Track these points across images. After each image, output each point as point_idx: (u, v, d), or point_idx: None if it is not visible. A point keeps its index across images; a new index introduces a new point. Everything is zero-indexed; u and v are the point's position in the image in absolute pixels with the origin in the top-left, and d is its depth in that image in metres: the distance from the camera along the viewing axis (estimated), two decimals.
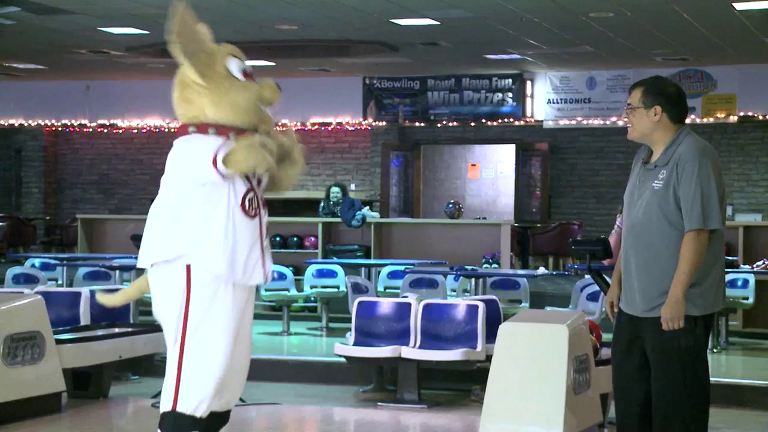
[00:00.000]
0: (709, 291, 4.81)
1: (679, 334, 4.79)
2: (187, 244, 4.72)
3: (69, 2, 12.79)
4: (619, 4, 12.61)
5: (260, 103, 4.89)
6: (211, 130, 4.79)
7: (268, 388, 8.75)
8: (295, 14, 13.43)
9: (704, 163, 4.76)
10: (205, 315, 4.72)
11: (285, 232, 14.47)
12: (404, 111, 19.01)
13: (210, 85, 4.83)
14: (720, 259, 4.87)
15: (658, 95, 4.87)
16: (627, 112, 4.95)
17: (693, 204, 4.72)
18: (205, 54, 4.90)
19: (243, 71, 4.92)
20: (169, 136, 20.29)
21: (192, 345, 4.71)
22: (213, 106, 4.82)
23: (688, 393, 4.85)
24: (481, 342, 8.06)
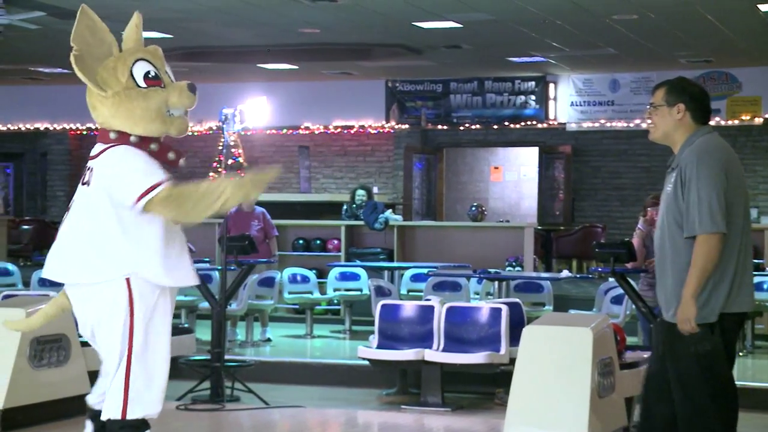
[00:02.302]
0: (722, 296, 4.69)
1: (695, 340, 4.71)
2: (128, 260, 4.75)
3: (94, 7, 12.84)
4: (642, 6, 12.57)
5: (169, 108, 4.87)
6: (133, 139, 4.82)
7: (292, 391, 8.77)
8: (317, 18, 13.46)
9: (704, 166, 4.67)
10: (148, 324, 4.79)
11: (308, 235, 14.48)
12: (427, 114, 19.00)
13: (107, 94, 4.85)
14: (731, 261, 4.69)
15: (681, 93, 4.81)
16: (650, 111, 4.88)
17: (691, 208, 4.65)
18: (109, 60, 4.91)
19: (147, 77, 4.87)
20: (193, 140, 20.36)
21: (140, 354, 4.78)
22: (112, 116, 4.86)
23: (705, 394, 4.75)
24: (504, 345, 8.04)
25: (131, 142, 4.81)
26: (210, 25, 14.01)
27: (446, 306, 8.39)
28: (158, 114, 4.85)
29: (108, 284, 4.75)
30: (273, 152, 19.83)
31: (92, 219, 4.80)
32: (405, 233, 14.11)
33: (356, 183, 17.36)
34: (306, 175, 19.39)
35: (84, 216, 4.83)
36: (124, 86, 4.84)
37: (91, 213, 4.81)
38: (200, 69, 17.75)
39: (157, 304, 4.82)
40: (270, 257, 11.78)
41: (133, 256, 4.75)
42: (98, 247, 4.77)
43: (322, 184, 19.59)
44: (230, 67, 17.50)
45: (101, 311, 4.79)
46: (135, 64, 4.89)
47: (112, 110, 4.85)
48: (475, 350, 8.05)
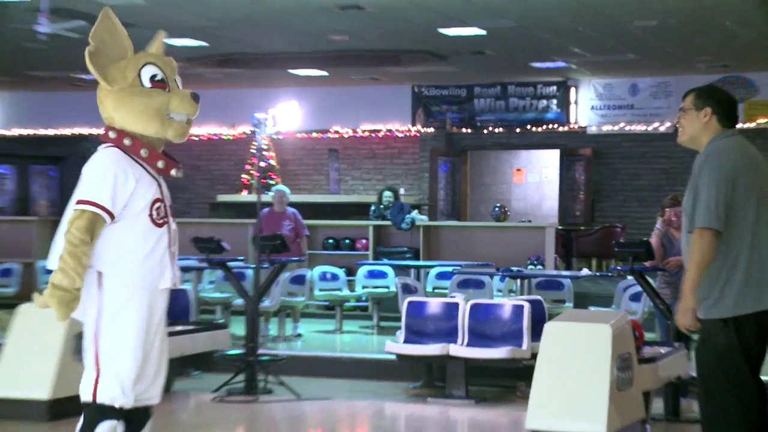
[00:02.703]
0: (732, 291, 4.67)
1: (710, 334, 4.72)
2: (98, 255, 4.82)
3: (132, 16, 12.96)
4: (662, 12, 12.54)
5: (169, 112, 4.93)
6: (127, 141, 4.89)
7: (322, 383, 8.81)
8: (346, 26, 13.51)
9: (708, 168, 4.69)
10: (115, 318, 4.85)
11: (337, 234, 14.54)
12: (452, 118, 19.02)
13: (114, 89, 4.93)
14: (741, 258, 4.67)
15: (709, 98, 4.87)
16: (679, 115, 4.94)
17: (692, 206, 4.69)
18: (122, 61, 4.96)
19: (153, 79, 4.93)
20: (226, 143, 20.44)
21: (106, 345, 4.86)
22: (114, 110, 4.94)
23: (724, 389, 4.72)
24: (526, 340, 8.06)
25: (125, 145, 4.90)
26: (243, 33, 14.08)
27: (470, 303, 8.41)
28: (158, 114, 4.92)
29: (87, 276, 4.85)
30: (303, 155, 19.89)
31: (67, 216, 4.90)
32: (430, 233, 14.13)
33: (383, 185, 17.39)
34: (335, 177, 19.43)
35: (66, 213, 4.94)
36: (129, 83, 4.92)
37: (68, 211, 4.90)
38: (234, 75, 17.84)
39: (130, 302, 4.88)
40: (301, 256, 11.84)
41: (103, 255, 4.85)
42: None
43: (351, 186, 19.62)
44: (262, 73, 17.57)
45: (82, 298, 4.89)
46: (144, 66, 4.96)
47: (116, 104, 4.94)
48: (498, 345, 8.07)
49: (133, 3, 12.20)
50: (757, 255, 4.70)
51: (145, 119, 4.92)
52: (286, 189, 12.78)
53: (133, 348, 4.92)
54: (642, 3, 12.03)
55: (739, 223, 4.68)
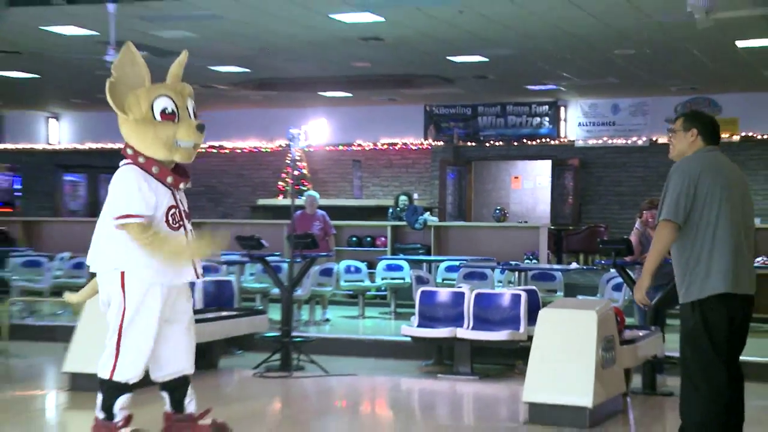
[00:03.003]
0: (698, 278, 4.68)
1: (684, 318, 4.77)
2: (120, 257, 4.89)
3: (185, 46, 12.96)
4: (639, 42, 12.49)
5: (177, 140, 4.93)
6: (141, 159, 4.94)
7: (347, 362, 8.79)
8: (368, 54, 13.50)
9: (675, 174, 4.78)
10: (136, 311, 4.92)
11: (360, 233, 14.52)
12: (458, 133, 18.99)
13: (128, 119, 4.96)
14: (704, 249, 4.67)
15: (695, 121, 4.96)
16: (670, 135, 5.03)
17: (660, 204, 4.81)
18: (138, 90, 4.97)
19: (164, 112, 4.93)
20: (266, 155, 20.45)
21: (126, 334, 4.93)
22: (127, 136, 4.99)
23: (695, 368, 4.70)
24: (523, 325, 8.02)
25: (139, 162, 4.92)
26: (280, 61, 14.10)
27: (475, 292, 8.39)
28: (165, 144, 4.93)
29: (108, 274, 4.95)
30: (331, 165, 19.89)
31: (103, 223, 4.99)
32: (440, 232, 14.11)
33: (400, 190, 17.36)
34: (358, 183, 19.43)
35: (101, 220, 5.03)
36: (142, 116, 4.94)
37: (103, 219, 5.00)
38: (271, 96, 17.87)
39: (147, 297, 4.93)
40: (329, 251, 11.82)
41: (123, 257, 4.90)
42: (100, 246, 4.98)
43: (372, 191, 19.61)
44: (296, 94, 17.59)
45: (107, 293, 4.99)
46: (157, 99, 4.96)
47: (129, 132, 4.99)
48: (498, 329, 8.04)
49: (186, 36, 12.22)
50: (719, 246, 4.69)
51: (154, 148, 4.94)
52: (316, 194, 12.77)
53: (149, 337, 4.98)
54: (621, 35, 11.97)
55: (704, 219, 4.71)
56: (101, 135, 20.82)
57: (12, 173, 21.96)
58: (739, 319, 4.73)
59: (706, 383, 4.66)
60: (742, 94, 16.80)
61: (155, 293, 4.96)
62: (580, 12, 10.69)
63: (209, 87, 16.84)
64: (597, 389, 5.78)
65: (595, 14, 10.84)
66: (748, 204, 4.89)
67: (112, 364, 4.95)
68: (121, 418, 5.00)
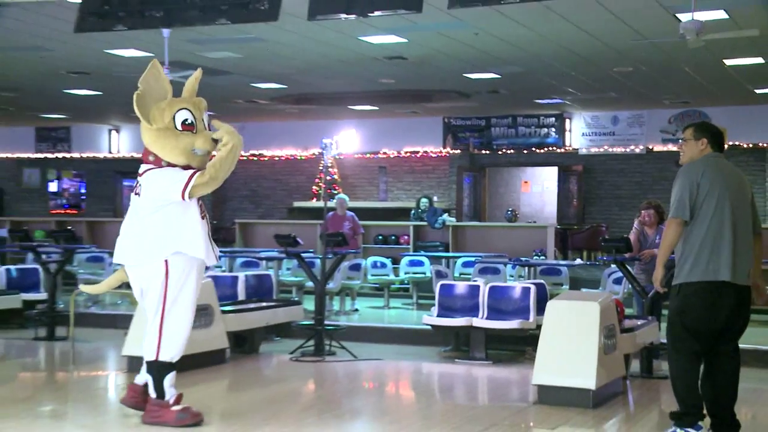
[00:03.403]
0: (684, 267, 4.77)
1: (670, 301, 4.90)
2: (171, 245, 4.93)
3: (230, 66, 13.04)
4: (636, 61, 12.39)
5: (195, 149, 4.98)
6: (164, 163, 4.98)
7: (373, 347, 8.78)
8: (392, 72, 13.48)
9: (680, 176, 4.86)
10: (178, 294, 4.96)
11: (385, 232, 14.51)
12: (474, 142, 18.93)
13: (152, 128, 4.97)
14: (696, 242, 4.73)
15: (705, 131, 4.99)
16: (681, 144, 5.04)
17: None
18: (161, 102, 5.00)
19: (185, 123, 4.97)
20: (301, 162, 20.43)
21: (169, 316, 4.96)
22: (151, 144, 5.00)
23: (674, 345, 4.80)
24: (532, 315, 7.98)
25: (162, 166, 4.98)
26: (314, 78, 14.11)
27: (489, 285, 8.35)
28: (184, 151, 4.97)
29: (151, 264, 4.95)
30: (359, 171, 19.89)
31: (141, 219, 4.99)
32: (457, 231, 14.07)
33: (421, 194, 17.35)
34: (384, 188, 19.41)
35: (136, 217, 5.03)
36: (165, 126, 4.96)
37: (140, 215, 5.00)
38: (306, 110, 17.89)
39: (188, 279, 4.98)
40: (357, 249, 11.81)
41: (177, 240, 4.93)
42: (143, 240, 4.97)
43: (396, 195, 19.58)
44: (328, 108, 17.60)
45: (146, 282, 4.99)
46: (179, 111, 5.00)
47: (152, 139, 5.00)
48: (510, 318, 8.00)
49: (231, 56, 12.26)
50: (710, 239, 4.73)
51: (174, 155, 4.98)
52: (346, 197, 12.77)
53: (188, 317, 5.04)
54: (620, 54, 11.88)
55: (701, 216, 4.76)
56: None
57: (78, 179, 22.15)
58: (728, 306, 4.71)
59: (679, 361, 4.75)
60: (730, 107, 16.67)
61: (192, 276, 5.00)
62: (584, 34, 10.63)
63: (251, 102, 16.88)
64: (599, 373, 5.73)
65: (597, 36, 10.76)
66: (746, 203, 4.90)
67: (156, 345, 4.96)
68: (172, 396, 5.01)
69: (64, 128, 21.77)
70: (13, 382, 7.00)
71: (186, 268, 4.98)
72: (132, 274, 5.10)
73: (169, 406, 4.98)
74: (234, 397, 5.99)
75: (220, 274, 9.60)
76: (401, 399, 6.75)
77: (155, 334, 4.98)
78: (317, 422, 5.32)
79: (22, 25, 10.34)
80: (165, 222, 4.94)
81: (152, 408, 5.01)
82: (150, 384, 5.03)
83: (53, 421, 5.43)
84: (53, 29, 10.37)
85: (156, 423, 4.96)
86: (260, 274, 9.48)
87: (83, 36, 8.45)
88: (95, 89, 15.27)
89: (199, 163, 5.04)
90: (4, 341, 8.90)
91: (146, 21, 7.27)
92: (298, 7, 8.12)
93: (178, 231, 4.94)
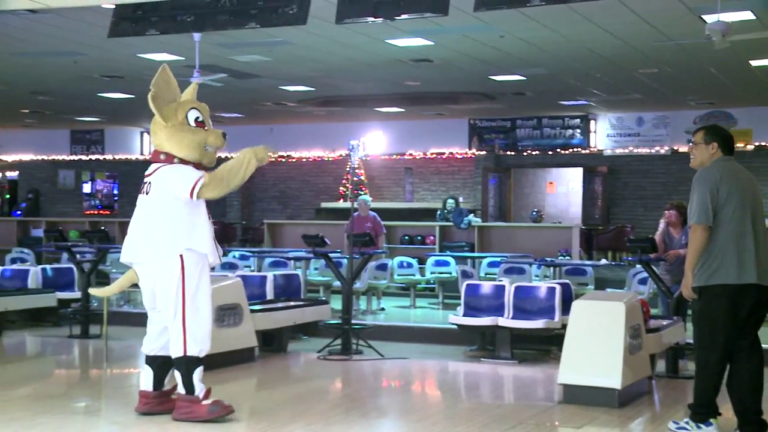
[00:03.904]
0: (706, 269, 4.79)
1: (692, 305, 4.95)
2: (183, 241, 4.96)
3: (260, 70, 13.09)
4: (660, 62, 12.27)
5: (206, 145, 5.08)
6: (176, 161, 5.03)
7: (400, 346, 8.75)
8: (419, 74, 13.46)
9: (698, 181, 4.86)
10: (196, 288, 4.98)
11: (412, 233, 14.48)
12: (499, 143, 18.87)
13: (167, 125, 5.06)
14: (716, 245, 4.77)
15: (715, 135, 5.00)
16: (692, 147, 5.06)
17: (690, 207, 4.89)
18: (173, 104, 5.13)
19: (197, 120, 5.10)
20: (329, 163, 20.49)
21: (190, 310, 4.96)
22: (166, 140, 5.06)
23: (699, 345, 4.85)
24: (558, 314, 7.92)
25: (174, 163, 5.03)
26: (341, 80, 14.12)
27: (514, 285, 8.30)
28: (198, 146, 5.07)
29: (165, 260, 4.96)
30: (386, 172, 19.89)
31: (148, 217, 5.01)
32: (483, 231, 14.01)
33: (447, 194, 17.29)
34: (410, 189, 19.39)
35: (145, 217, 5.05)
36: (179, 122, 5.08)
37: (148, 213, 5.02)
38: (334, 112, 17.92)
39: (202, 273, 5.02)
40: (378, 249, 11.78)
41: (188, 237, 4.97)
42: (156, 237, 4.99)
43: (422, 196, 19.55)
44: (355, 110, 17.62)
45: (160, 279, 4.99)
46: (190, 110, 5.15)
47: (168, 136, 5.07)
48: (535, 318, 7.94)
49: (260, 60, 12.31)
50: (733, 242, 4.77)
51: (188, 149, 5.06)
52: (368, 198, 12.75)
53: (208, 309, 5.06)
54: (645, 56, 11.77)
55: (722, 219, 4.80)
56: None
57: (111, 180, 22.36)
58: (749, 306, 4.79)
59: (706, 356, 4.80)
60: (756, 107, 16.50)
61: (206, 270, 5.05)
62: (608, 35, 10.54)
63: (280, 104, 16.94)
64: (625, 372, 5.68)
65: (622, 37, 10.67)
66: (760, 205, 4.96)
67: (182, 341, 4.97)
68: (201, 391, 5.02)
69: (97, 131, 21.99)
70: (48, 378, 7.08)
71: (199, 262, 5.01)
72: (143, 273, 5.08)
73: (199, 401, 5.00)
74: (262, 395, 6.01)
75: (249, 274, 9.64)
76: (427, 397, 6.73)
77: (179, 331, 4.99)
78: (344, 420, 5.32)
79: (58, 31, 10.45)
80: (177, 218, 4.98)
81: (183, 404, 5.03)
82: (179, 380, 5.04)
83: (86, 417, 5.47)
84: (88, 35, 10.46)
85: (188, 419, 4.98)
86: (288, 274, 9.49)
87: (116, 41, 8.52)
88: (128, 92, 15.41)
89: (209, 159, 5.15)
90: (39, 339, 9.01)
91: (178, 25, 7.32)
92: (326, 11, 8.13)
93: (189, 228, 5.00)
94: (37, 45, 11.28)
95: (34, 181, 22.75)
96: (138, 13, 7.40)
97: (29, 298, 9.54)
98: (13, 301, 9.25)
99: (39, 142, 22.38)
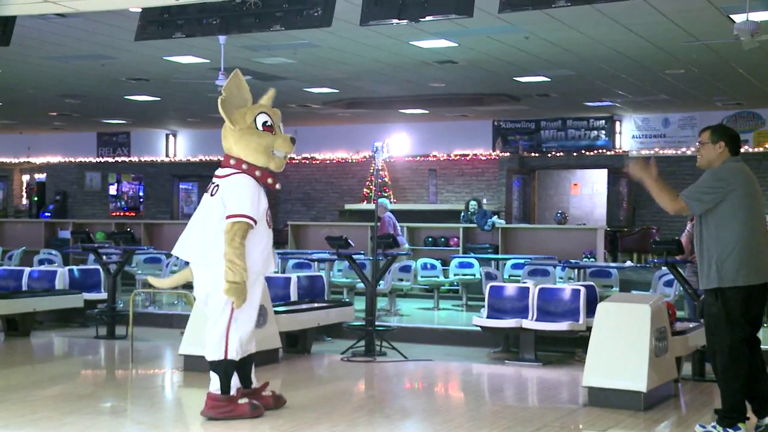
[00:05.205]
0: (723, 270, 4.80)
1: (708, 303, 4.92)
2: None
3: (284, 72, 13.14)
4: (687, 63, 12.16)
5: (273, 150, 5.12)
6: (245, 166, 5.08)
7: (424, 348, 8.75)
8: (443, 76, 13.44)
9: (712, 177, 4.91)
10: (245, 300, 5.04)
11: (435, 234, 14.47)
12: (523, 145, 18.80)
13: (235, 129, 5.11)
14: (740, 244, 4.80)
15: (723, 134, 5.04)
16: (698, 147, 5.10)
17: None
18: (243, 108, 5.18)
19: (265, 124, 5.13)
20: (353, 165, 20.54)
21: (237, 319, 5.06)
22: (234, 144, 5.11)
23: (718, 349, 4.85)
24: (582, 317, 7.88)
25: (243, 170, 5.08)
26: (365, 82, 14.14)
27: (538, 287, 8.27)
28: (265, 150, 5.11)
29: (218, 266, 4.99)
30: (410, 174, 19.88)
31: (210, 220, 5.07)
32: (507, 233, 13.97)
33: (470, 196, 17.26)
34: (434, 190, 19.37)
35: (206, 217, 5.10)
36: (248, 126, 5.13)
37: (211, 216, 5.07)
38: (358, 114, 17.94)
39: (253, 285, 5.09)
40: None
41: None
42: (212, 241, 5.03)
43: (446, 197, 19.52)
44: (379, 112, 17.62)
45: (212, 283, 5.04)
46: (259, 114, 5.18)
47: (236, 139, 5.12)
48: (560, 320, 7.91)
49: (286, 62, 12.36)
50: (748, 243, 4.81)
51: (256, 153, 5.11)
52: (383, 201, 12.76)
53: (252, 320, 5.17)
54: (671, 56, 11.68)
55: (736, 220, 4.83)
56: (211, 149, 21.21)
57: (137, 182, 22.55)
58: (763, 303, 4.88)
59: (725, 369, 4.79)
60: None
61: (259, 282, 5.11)
62: (634, 36, 10.47)
63: (304, 106, 16.99)
64: (651, 375, 5.64)
65: (648, 38, 10.60)
66: (762, 204, 5.03)
67: (224, 345, 5.08)
68: (236, 390, 5.13)
69: (124, 133, 22.19)
70: (75, 378, 7.15)
71: (253, 275, 5.08)
72: (200, 275, 5.16)
73: (236, 400, 5.11)
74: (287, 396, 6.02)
75: (273, 275, 9.68)
76: (451, 399, 6.72)
77: (222, 335, 5.08)
78: (368, 421, 5.33)
79: (85, 34, 10.55)
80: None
81: (219, 404, 5.10)
82: (213, 381, 5.12)
83: (113, 417, 5.52)
84: (115, 38, 10.56)
85: (229, 417, 5.07)
86: (312, 276, 9.52)
87: (143, 44, 8.60)
88: (154, 95, 15.53)
89: (276, 164, 5.18)
90: (66, 339, 9.10)
91: (204, 28, 7.37)
92: (350, 13, 8.15)
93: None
94: (65, 49, 11.40)
95: (61, 183, 23.00)
96: (165, 17, 7.46)
97: (57, 299, 9.65)
98: (40, 302, 9.37)
99: (66, 144, 22.63)
